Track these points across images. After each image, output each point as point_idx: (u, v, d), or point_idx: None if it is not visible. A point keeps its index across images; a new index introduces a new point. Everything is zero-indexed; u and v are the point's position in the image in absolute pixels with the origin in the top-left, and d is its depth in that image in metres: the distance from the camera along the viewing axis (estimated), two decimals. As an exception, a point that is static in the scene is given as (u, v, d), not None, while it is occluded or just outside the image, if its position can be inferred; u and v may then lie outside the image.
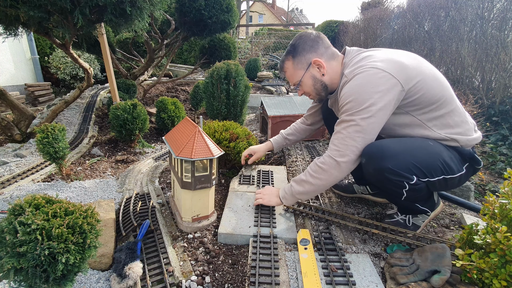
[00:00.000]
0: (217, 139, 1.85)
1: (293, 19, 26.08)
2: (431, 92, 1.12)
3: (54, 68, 5.98)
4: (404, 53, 1.20)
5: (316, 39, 1.30)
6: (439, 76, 1.18)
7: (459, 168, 1.15)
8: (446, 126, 1.16)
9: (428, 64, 1.21)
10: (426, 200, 1.24)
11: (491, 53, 2.73)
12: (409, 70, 1.10)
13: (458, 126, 1.17)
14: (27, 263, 0.72)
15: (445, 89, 1.16)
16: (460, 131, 1.17)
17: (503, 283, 0.82)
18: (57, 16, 1.99)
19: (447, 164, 1.11)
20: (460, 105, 1.21)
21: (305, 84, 1.38)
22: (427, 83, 1.11)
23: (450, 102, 1.16)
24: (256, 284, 0.99)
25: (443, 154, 1.13)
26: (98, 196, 1.72)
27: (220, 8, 3.73)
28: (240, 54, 8.02)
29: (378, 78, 1.07)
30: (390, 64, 1.10)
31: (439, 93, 1.13)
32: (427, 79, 1.12)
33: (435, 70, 1.19)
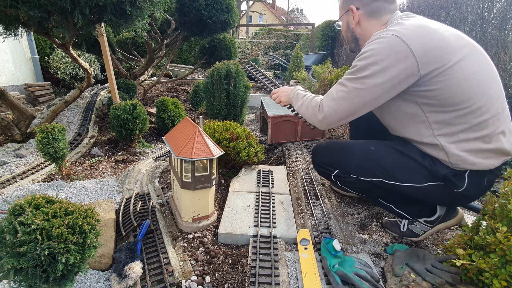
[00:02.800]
0: (217, 139, 1.85)
1: (293, 19, 26.08)
2: (455, 90, 0.92)
3: (54, 68, 5.98)
4: (449, 31, 0.97)
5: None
6: (482, 76, 0.94)
7: (410, 180, 1.08)
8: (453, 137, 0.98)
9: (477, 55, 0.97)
10: (404, 204, 1.24)
11: (491, 53, 2.73)
12: (440, 51, 0.90)
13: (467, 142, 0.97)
14: (27, 263, 0.72)
15: (478, 95, 0.93)
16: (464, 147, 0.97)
17: (503, 283, 0.82)
18: (57, 16, 1.99)
19: (387, 171, 1.12)
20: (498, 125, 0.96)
21: (342, 25, 1.31)
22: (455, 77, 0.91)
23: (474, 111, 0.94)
24: (256, 284, 0.99)
25: (385, 161, 1.13)
26: (98, 196, 1.72)
27: (220, 8, 3.73)
28: (240, 54, 8.02)
29: (392, 50, 0.92)
30: (420, 36, 0.92)
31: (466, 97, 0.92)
32: (459, 73, 0.91)
33: (483, 66, 0.96)
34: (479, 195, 1.10)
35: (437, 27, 0.96)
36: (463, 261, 0.92)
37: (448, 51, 0.91)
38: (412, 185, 1.09)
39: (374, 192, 1.27)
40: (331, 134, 2.70)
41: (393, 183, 1.13)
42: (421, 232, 1.25)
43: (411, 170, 1.09)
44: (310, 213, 1.46)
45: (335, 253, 1.10)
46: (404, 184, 1.11)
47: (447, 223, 1.24)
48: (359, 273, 1.01)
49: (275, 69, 7.43)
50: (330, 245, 1.13)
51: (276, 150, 2.56)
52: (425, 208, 1.25)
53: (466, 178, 1.01)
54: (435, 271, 0.99)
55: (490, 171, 1.02)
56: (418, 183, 1.08)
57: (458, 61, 0.91)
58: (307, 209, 1.49)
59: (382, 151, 1.16)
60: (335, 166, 1.26)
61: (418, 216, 1.26)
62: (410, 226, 1.28)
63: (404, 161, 1.11)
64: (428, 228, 1.24)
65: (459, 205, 1.24)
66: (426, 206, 1.25)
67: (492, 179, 1.05)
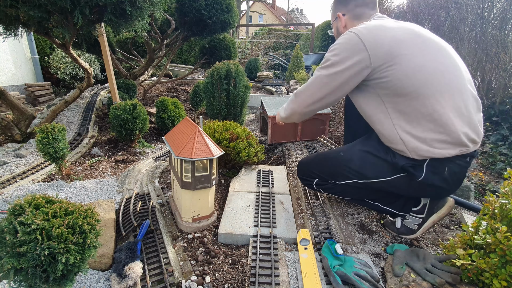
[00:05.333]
0: (217, 139, 1.85)
1: (293, 19, 26.08)
2: (410, 80, 1.01)
3: (54, 68, 5.98)
4: (406, 28, 1.08)
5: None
6: (434, 67, 1.02)
7: (378, 175, 1.19)
8: (409, 122, 1.05)
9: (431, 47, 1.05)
10: (388, 200, 1.31)
11: (491, 53, 2.73)
12: (390, 47, 1.02)
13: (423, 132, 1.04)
14: (27, 263, 0.72)
15: (429, 85, 1.01)
16: (419, 136, 1.04)
17: (503, 283, 0.82)
18: (57, 16, 1.99)
19: (357, 171, 1.23)
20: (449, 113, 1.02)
21: (334, 31, 1.46)
22: (408, 66, 1.01)
23: (426, 102, 1.01)
24: (256, 284, 0.99)
25: (354, 163, 1.24)
26: (98, 196, 1.72)
27: (220, 8, 3.73)
28: (240, 54, 8.02)
29: (350, 44, 1.07)
30: (373, 33, 1.05)
31: (417, 87, 1.01)
32: (412, 62, 1.01)
33: (436, 57, 1.04)
34: (449, 186, 1.13)
35: (393, 26, 1.08)
36: (463, 261, 0.92)
37: (396, 47, 1.02)
38: (381, 179, 1.20)
39: (356, 194, 1.36)
40: (331, 134, 2.70)
41: (365, 181, 1.24)
42: (415, 227, 1.27)
43: (377, 166, 1.20)
44: (310, 213, 1.46)
45: (337, 255, 1.10)
46: (374, 180, 1.21)
47: (439, 213, 1.25)
48: (359, 273, 1.01)
49: (275, 69, 7.43)
50: (333, 247, 1.13)
51: (276, 150, 2.56)
52: (409, 201, 1.29)
53: (424, 167, 1.08)
54: (435, 271, 0.99)
55: (449, 161, 1.06)
56: (385, 177, 1.18)
57: (406, 55, 1.02)
58: (307, 209, 1.49)
59: (350, 154, 1.29)
60: (314, 176, 1.41)
61: (405, 209, 1.30)
62: (404, 222, 1.31)
63: (369, 159, 1.22)
64: (419, 221, 1.26)
65: (434, 196, 1.25)
66: (409, 198, 1.29)
67: (455, 169, 1.08)
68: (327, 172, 1.36)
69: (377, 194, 1.32)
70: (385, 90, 1.08)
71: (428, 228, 1.27)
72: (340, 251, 1.11)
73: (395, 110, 1.08)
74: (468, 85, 1.08)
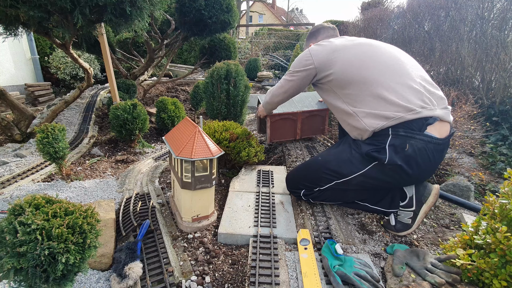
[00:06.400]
0: (217, 139, 1.85)
1: (293, 19, 26.07)
2: (346, 73, 1.32)
3: (54, 68, 5.98)
4: (348, 39, 1.44)
5: (319, 29, 1.72)
6: (366, 56, 1.31)
7: (353, 170, 1.28)
8: (358, 102, 1.29)
9: (364, 45, 1.36)
10: (375, 199, 1.38)
11: (491, 53, 2.73)
12: (329, 52, 1.39)
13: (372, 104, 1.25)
14: (27, 263, 0.72)
15: (364, 70, 1.28)
16: (370, 111, 1.24)
17: (503, 283, 0.82)
18: (57, 16, 1.99)
19: (334, 171, 1.33)
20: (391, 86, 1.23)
21: None
22: (342, 65, 1.33)
23: (365, 83, 1.27)
24: (256, 284, 0.99)
25: (330, 163, 1.35)
26: (98, 196, 1.72)
27: (220, 8, 3.73)
28: (240, 54, 8.02)
29: (303, 55, 1.48)
30: (319, 46, 1.45)
31: (353, 73, 1.30)
32: (344, 61, 1.33)
33: (368, 51, 1.33)
34: (418, 166, 1.19)
35: (336, 41, 1.43)
36: (463, 261, 0.92)
37: (331, 53, 1.39)
38: (357, 174, 1.27)
39: (342, 197, 1.42)
40: (331, 134, 2.70)
41: (344, 180, 1.31)
42: (409, 221, 1.28)
43: (350, 161, 1.29)
44: (310, 213, 1.46)
45: (337, 255, 1.10)
46: (351, 176, 1.28)
47: (427, 203, 1.26)
48: (359, 273, 1.01)
49: (275, 69, 7.43)
50: (333, 247, 1.13)
51: (276, 150, 2.56)
52: (394, 196, 1.33)
53: (387, 148, 1.18)
54: (435, 271, 0.99)
55: (408, 137, 1.16)
56: (359, 171, 1.26)
57: (338, 55, 1.36)
58: (307, 209, 1.49)
59: (327, 156, 1.40)
60: (300, 186, 1.47)
61: (393, 205, 1.32)
62: (398, 218, 1.32)
63: (343, 156, 1.33)
64: (411, 214, 1.28)
65: (411, 181, 1.27)
66: (394, 194, 1.33)
67: (419, 145, 1.16)
68: (310, 179, 1.43)
69: (362, 193, 1.38)
70: (334, 83, 1.37)
71: (422, 219, 1.28)
72: (340, 251, 1.11)
73: (347, 96, 1.33)
74: (409, 68, 1.28)
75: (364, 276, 1.00)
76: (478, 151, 2.38)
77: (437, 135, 1.17)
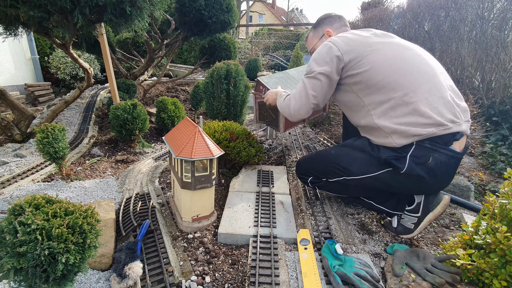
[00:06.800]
0: (217, 139, 1.85)
1: (293, 19, 26.07)
2: (378, 77, 1.15)
3: (54, 68, 5.98)
4: (378, 33, 1.28)
5: (335, 17, 1.55)
6: (402, 60, 1.16)
7: (364, 171, 1.23)
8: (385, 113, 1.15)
9: (399, 46, 1.21)
10: (382, 198, 1.35)
11: (491, 53, 2.73)
12: (359, 45, 1.20)
13: (403, 117, 1.12)
14: (27, 263, 0.72)
15: (399, 75, 1.13)
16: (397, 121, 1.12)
17: (503, 283, 0.82)
18: (57, 16, 1.99)
19: (345, 168, 1.28)
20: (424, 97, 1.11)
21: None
22: (375, 65, 1.16)
23: (398, 89, 1.12)
24: (256, 284, 0.99)
25: (342, 159, 1.30)
26: (98, 196, 1.72)
27: (220, 8, 3.73)
28: (240, 54, 8.03)
29: (326, 47, 1.26)
30: (342, 38, 1.25)
31: (387, 77, 1.14)
32: (379, 61, 1.16)
33: (403, 54, 1.18)
34: (436, 179, 1.13)
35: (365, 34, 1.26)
36: (463, 261, 0.92)
37: (363, 47, 1.20)
38: (367, 175, 1.23)
39: (349, 191, 1.41)
40: (331, 134, 2.70)
41: (353, 178, 1.28)
42: (412, 225, 1.27)
43: (362, 162, 1.24)
44: (310, 213, 1.46)
45: (337, 255, 1.10)
46: (360, 176, 1.25)
47: (434, 212, 1.23)
48: (359, 273, 1.01)
49: (275, 69, 7.44)
50: (333, 247, 1.13)
51: (276, 150, 2.56)
52: (402, 199, 1.30)
53: (408, 158, 1.11)
54: (435, 271, 0.99)
55: (434, 150, 1.08)
56: (370, 173, 1.22)
57: (371, 52, 1.18)
58: (307, 209, 1.49)
59: (339, 151, 1.35)
60: (309, 174, 1.47)
61: (399, 208, 1.30)
62: (401, 221, 1.31)
63: (356, 155, 1.27)
64: (415, 219, 1.25)
65: (423, 191, 1.24)
66: (402, 197, 1.30)
67: (441, 159, 1.09)
68: (319, 170, 1.42)
69: (369, 192, 1.36)
70: (358, 85, 1.21)
71: (425, 227, 1.26)
72: (340, 251, 1.11)
73: (371, 102, 1.19)
74: (440, 75, 1.17)
75: (364, 276, 1.00)
76: (478, 151, 2.38)
77: (458, 149, 1.12)
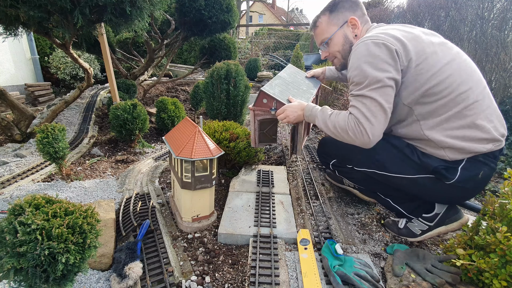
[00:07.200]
0: (217, 139, 1.85)
1: (293, 19, 26.08)
2: (437, 79, 1.00)
3: (54, 68, 5.98)
4: (425, 31, 1.12)
5: (357, 2, 1.29)
6: (459, 67, 1.02)
7: (401, 171, 1.14)
8: (438, 125, 1.05)
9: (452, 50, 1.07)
10: (401, 199, 1.27)
11: (491, 53, 2.73)
12: (414, 44, 1.03)
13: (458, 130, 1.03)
14: (27, 263, 0.72)
15: (460, 84, 1.01)
16: (452, 134, 1.03)
17: (503, 283, 0.82)
18: (57, 16, 1.99)
19: (380, 162, 1.18)
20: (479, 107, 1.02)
21: (334, 43, 1.31)
22: (433, 66, 1.01)
23: (458, 100, 1.01)
24: (256, 284, 0.99)
25: (378, 152, 1.17)
26: (98, 196, 1.72)
27: (220, 8, 3.73)
28: (240, 54, 8.02)
29: (379, 48, 1.03)
30: (394, 35, 1.04)
31: (449, 86, 1.00)
32: (435, 62, 1.01)
33: (459, 59, 1.05)
34: (475, 191, 1.10)
35: (406, 29, 1.12)
36: (463, 261, 0.92)
37: (419, 47, 1.04)
38: (402, 175, 1.15)
39: (369, 184, 1.34)
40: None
41: (385, 174, 1.19)
42: (419, 231, 1.24)
43: (401, 161, 1.15)
44: (310, 213, 1.46)
45: (337, 255, 1.10)
46: (394, 174, 1.17)
47: (448, 226, 1.19)
48: (359, 273, 1.01)
49: (275, 69, 7.44)
50: (333, 247, 1.13)
51: (276, 150, 2.56)
52: (422, 205, 1.24)
53: (459, 170, 1.05)
54: (435, 271, 0.99)
55: (484, 163, 1.04)
56: (407, 174, 1.14)
57: (429, 54, 1.03)
58: (307, 209, 1.49)
59: (376, 144, 1.19)
60: (333, 156, 1.41)
61: (415, 213, 1.25)
62: (408, 224, 1.28)
63: (393, 152, 1.17)
64: (425, 227, 1.22)
65: (455, 202, 1.21)
66: (423, 203, 1.24)
67: (488, 172, 1.06)
68: (348, 156, 1.30)
69: (392, 190, 1.27)
70: (409, 91, 1.06)
71: (431, 237, 1.23)
72: (340, 251, 1.11)
73: (423, 113, 1.06)
74: (483, 80, 1.08)
75: (364, 276, 1.00)
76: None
77: None
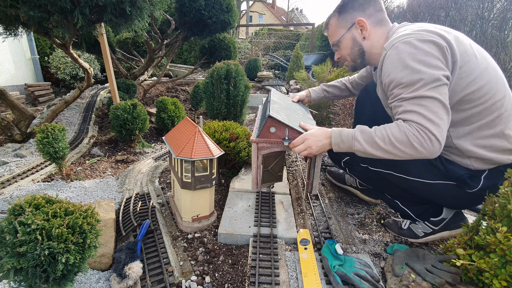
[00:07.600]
0: (217, 139, 1.85)
1: (293, 19, 26.09)
2: (477, 84, 0.95)
3: (54, 68, 5.98)
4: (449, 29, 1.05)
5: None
6: (492, 73, 0.98)
7: (420, 175, 1.10)
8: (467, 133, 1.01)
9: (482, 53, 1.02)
10: (410, 202, 1.24)
11: (491, 53, 2.73)
12: (456, 44, 0.95)
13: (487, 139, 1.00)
14: (27, 263, 0.72)
15: (495, 92, 0.97)
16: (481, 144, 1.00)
17: (503, 283, 0.82)
18: (57, 16, 1.99)
19: (398, 162, 1.05)
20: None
21: (343, 46, 1.26)
22: (474, 70, 0.95)
23: (493, 108, 0.97)
24: (256, 284, 0.99)
25: None
26: (98, 196, 1.72)
27: (220, 8, 3.73)
28: (240, 54, 8.02)
29: (429, 45, 0.92)
30: (438, 31, 0.97)
31: (487, 93, 0.95)
32: (475, 66, 0.95)
33: (490, 65, 1.00)
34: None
35: (443, 28, 1.02)
36: (463, 261, 0.92)
37: (461, 48, 0.97)
38: (422, 180, 1.11)
39: (380, 185, 1.30)
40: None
41: (402, 176, 1.14)
42: (421, 233, 1.24)
43: (421, 165, 1.09)
44: (310, 213, 1.46)
45: (337, 255, 1.10)
46: (413, 178, 1.12)
47: (452, 232, 1.19)
48: (359, 273, 1.01)
49: (275, 69, 7.44)
50: (333, 247, 1.13)
51: (276, 150, 2.56)
52: (430, 209, 1.22)
53: (482, 179, 1.03)
54: (435, 271, 0.99)
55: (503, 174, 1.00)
56: (428, 179, 1.10)
57: (470, 57, 0.96)
58: (307, 209, 1.49)
59: None
60: (347, 153, 1.27)
61: (423, 216, 1.24)
62: (411, 225, 1.27)
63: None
64: (430, 230, 1.22)
65: (466, 207, 1.20)
66: (432, 207, 1.22)
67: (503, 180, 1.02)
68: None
69: (403, 192, 1.22)
70: (449, 99, 0.97)
71: (433, 240, 1.23)
72: (340, 251, 1.11)
73: (455, 118, 1.00)
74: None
75: (364, 276, 1.00)
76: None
77: None
